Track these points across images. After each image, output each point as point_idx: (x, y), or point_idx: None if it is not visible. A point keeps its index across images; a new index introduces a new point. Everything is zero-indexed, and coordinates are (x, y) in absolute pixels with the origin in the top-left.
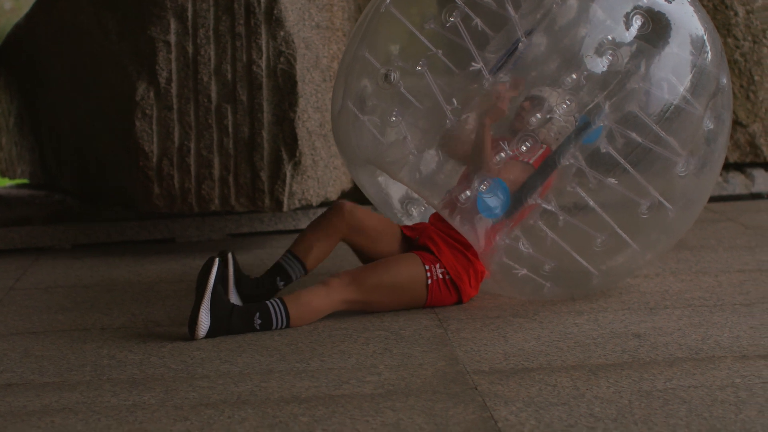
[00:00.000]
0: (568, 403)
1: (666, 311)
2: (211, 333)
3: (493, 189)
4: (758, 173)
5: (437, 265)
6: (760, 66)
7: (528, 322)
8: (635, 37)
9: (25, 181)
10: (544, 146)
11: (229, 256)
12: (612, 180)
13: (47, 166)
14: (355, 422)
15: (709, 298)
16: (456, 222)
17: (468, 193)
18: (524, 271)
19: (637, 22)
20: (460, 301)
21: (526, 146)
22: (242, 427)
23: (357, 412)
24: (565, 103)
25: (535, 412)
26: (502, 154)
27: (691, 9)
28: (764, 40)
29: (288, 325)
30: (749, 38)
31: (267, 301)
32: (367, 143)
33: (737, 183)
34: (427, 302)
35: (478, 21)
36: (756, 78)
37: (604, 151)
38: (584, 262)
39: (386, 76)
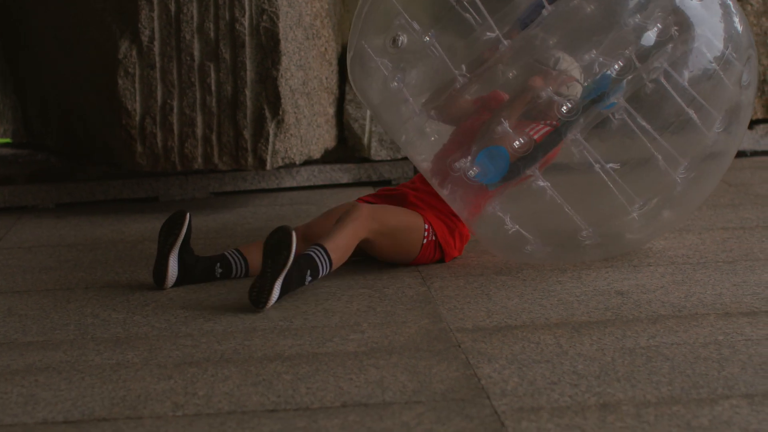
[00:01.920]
0: (551, 360)
1: (649, 269)
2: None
3: (492, 154)
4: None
5: (431, 227)
6: None
7: (511, 279)
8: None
9: (7, 140)
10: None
11: (188, 216)
12: (614, 165)
13: (30, 126)
14: (338, 380)
15: (693, 256)
16: (445, 192)
17: (465, 161)
18: (515, 228)
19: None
20: (442, 260)
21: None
22: (225, 385)
23: (340, 369)
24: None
25: (518, 369)
26: (503, 125)
27: None
28: None
29: (330, 271)
30: None
31: (311, 253)
32: (377, 86)
33: None
34: (415, 260)
35: None
36: None
37: (620, 118)
38: (577, 218)
39: (394, 40)
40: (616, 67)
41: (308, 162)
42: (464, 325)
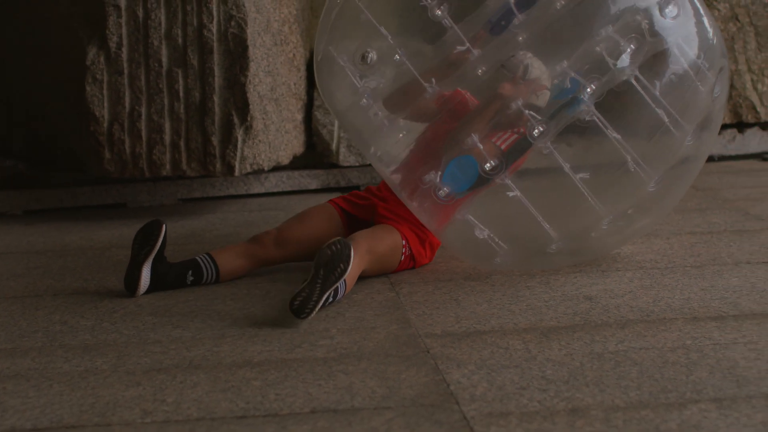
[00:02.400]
0: (520, 365)
1: (617, 273)
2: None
3: (463, 165)
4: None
5: (407, 242)
6: None
7: (480, 285)
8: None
9: None
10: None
11: (164, 227)
12: (584, 175)
13: None
14: (307, 386)
15: (661, 261)
16: (414, 205)
17: (434, 174)
18: (485, 235)
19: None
20: (413, 267)
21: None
22: (194, 391)
23: (309, 375)
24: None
25: (487, 374)
26: (473, 139)
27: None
28: (715, 3)
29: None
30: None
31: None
32: (345, 93)
33: None
34: (393, 272)
35: None
36: None
37: (589, 119)
38: (546, 225)
39: (363, 57)
40: (589, 90)
41: (277, 168)
42: (433, 331)
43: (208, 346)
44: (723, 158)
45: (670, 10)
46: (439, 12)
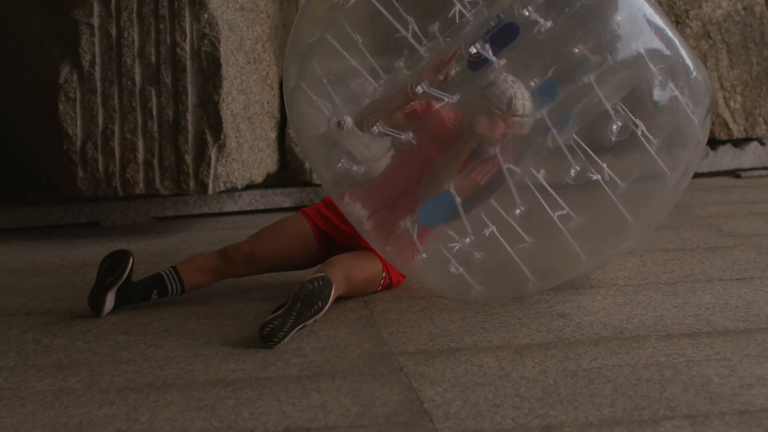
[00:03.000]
0: (493, 383)
1: (591, 291)
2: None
3: (439, 203)
4: None
5: (388, 273)
6: None
7: (453, 302)
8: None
9: None
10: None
11: (132, 259)
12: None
13: None
14: (281, 404)
15: (634, 278)
16: (388, 251)
17: (408, 221)
18: (460, 271)
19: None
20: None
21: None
22: (168, 410)
23: (283, 394)
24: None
25: (460, 392)
26: (449, 186)
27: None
28: (687, 20)
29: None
30: (672, 18)
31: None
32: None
33: None
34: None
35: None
36: None
37: (567, 145)
38: (521, 264)
39: (339, 124)
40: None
41: (250, 186)
42: (407, 349)
43: (181, 364)
44: (696, 175)
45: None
46: (420, 49)
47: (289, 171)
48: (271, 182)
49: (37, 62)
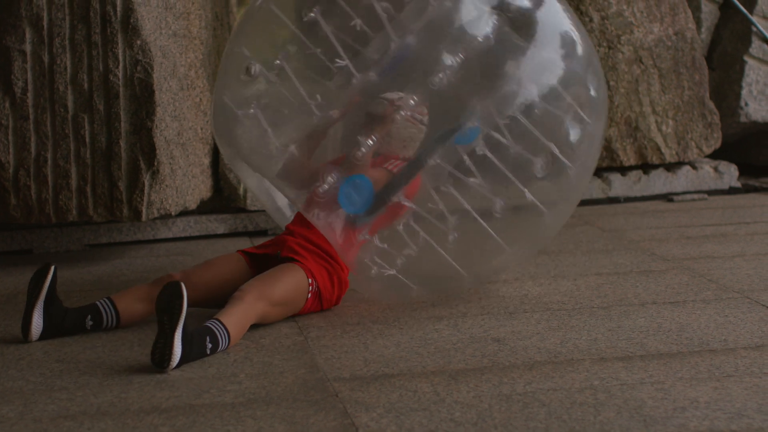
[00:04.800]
0: (428, 408)
1: (525, 315)
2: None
3: (356, 185)
4: (615, 177)
5: (314, 279)
6: (615, 71)
7: (388, 328)
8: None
9: None
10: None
11: (52, 269)
12: (475, 180)
13: None
14: (216, 431)
15: (568, 302)
16: (314, 217)
17: (326, 185)
18: (393, 271)
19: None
20: (321, 309)
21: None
22: None
23: (218, 421)
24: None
25: (395, 417)
26: (362, 150)
27: (560, 8)
28: (619, 46)
29: (229, 344)
30: (605, 44)
31: (209, 324)
32: (246, 138)
33: (594, 187)
34: (300, 312)
35: (358, 21)
36: (611, 83)
37: (480, 153)
38: (454, 262)
39: (247, 69)
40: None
41: (184, 213)
42: (341, 375)
43: (115, 392)
44: (628, 199)
45: None
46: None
47: (223, 197)
48: (204, 208)
49: None
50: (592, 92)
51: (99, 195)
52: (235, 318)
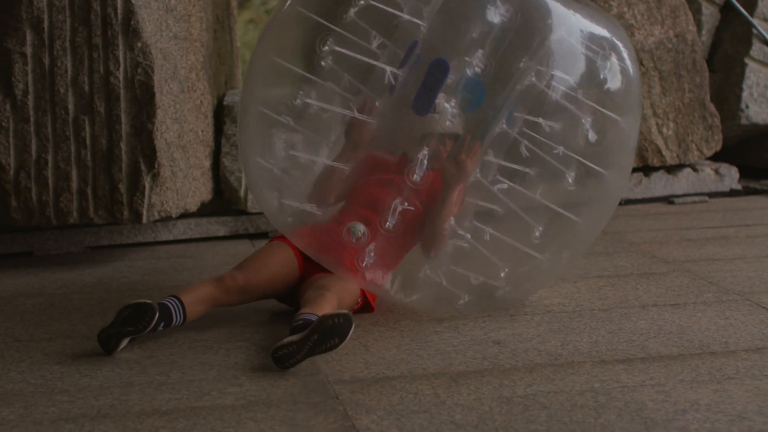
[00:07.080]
0: (429, 410)
1: (526, 318)
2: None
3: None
4: None
5: (364, 298)
6: None
7: (388, 330)
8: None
9: None
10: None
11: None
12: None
13: None
14: None
15: (568, 304)
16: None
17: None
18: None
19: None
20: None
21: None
22: None
23: (218, 423)
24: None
25: (396, 420)
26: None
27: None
28: None
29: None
30: None
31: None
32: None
33: None
34: None
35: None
36: None
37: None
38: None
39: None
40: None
41: (185, 215)
42: (342, 377)
43: (116, 394)
44: (629, 201)
45: None
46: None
47: (223, 200)
48: (205, 211)
49: None
50: (620, 85)
51: (100, 197)
52: (329, 308)
